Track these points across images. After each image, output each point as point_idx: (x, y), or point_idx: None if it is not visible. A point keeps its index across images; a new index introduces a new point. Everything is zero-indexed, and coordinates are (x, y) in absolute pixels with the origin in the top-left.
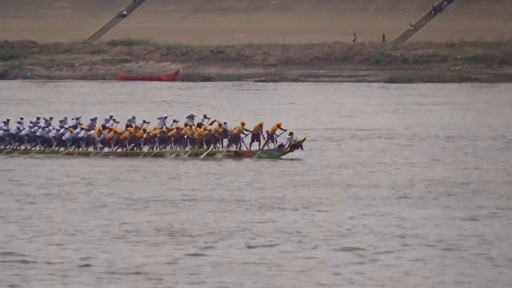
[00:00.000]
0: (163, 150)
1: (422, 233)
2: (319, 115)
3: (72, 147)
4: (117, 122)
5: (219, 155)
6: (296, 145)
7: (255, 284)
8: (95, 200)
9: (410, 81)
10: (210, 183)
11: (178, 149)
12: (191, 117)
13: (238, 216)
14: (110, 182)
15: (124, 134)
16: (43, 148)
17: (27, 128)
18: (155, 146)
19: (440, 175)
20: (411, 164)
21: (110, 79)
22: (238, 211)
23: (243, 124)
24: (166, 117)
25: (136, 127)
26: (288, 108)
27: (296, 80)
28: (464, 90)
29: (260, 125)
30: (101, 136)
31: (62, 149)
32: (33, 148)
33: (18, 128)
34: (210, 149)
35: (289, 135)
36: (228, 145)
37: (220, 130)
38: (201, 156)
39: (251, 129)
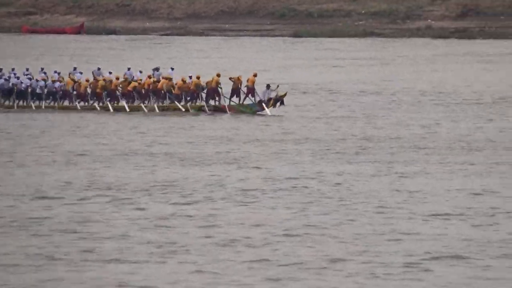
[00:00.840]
0: (140, 104)
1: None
2: (230, 69)
3: (47, 100)
4: (81, 73)
5: (193, 110)
6: (278, 99)
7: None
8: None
9: (314, 35)
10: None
11: (154, 103)
12: (157, 69)
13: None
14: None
15: (99, 86)
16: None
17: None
18: (131, 100)
19: (360, 130)
20: (334, 119)
21: (16, 32)
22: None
23: (218, 76)
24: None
25: (105, 80)
26: (201, 63)
27: (201, 34)
28: (368, 44)
29: (239, 79)
30: (75, 89)
31: (38, 103)
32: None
33: None
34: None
35: (266, 88)
36: (206, 100)
37: (198, 84)
38: (183, 110)
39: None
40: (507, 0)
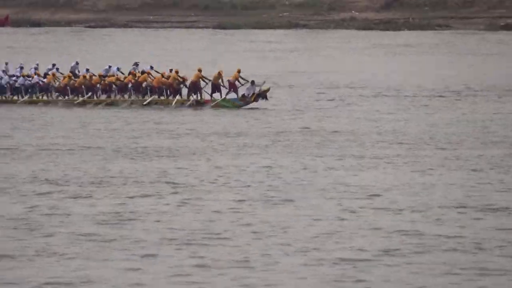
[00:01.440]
0: (120, 98)
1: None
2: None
3: (26, 95)
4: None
5: (176, 104)
6: (261, 94)
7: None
8: None
9: (238, 27)
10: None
11: (134, 97)
12: (136, 64)
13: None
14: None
15: (79, 81)
16: None
17: None
18: (112, 94)
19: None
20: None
21: None
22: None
23: (200, 71)
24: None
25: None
26: (129, 55)
27: (125, 26)
28: (293, 36)
29: (219, 74)
30: (56, 84)
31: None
32: None
33: None
34: (174, 98)
35: (251, 84)
36: (188, 94)
37: (179, 78)
38: (173, 104)
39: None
40: None
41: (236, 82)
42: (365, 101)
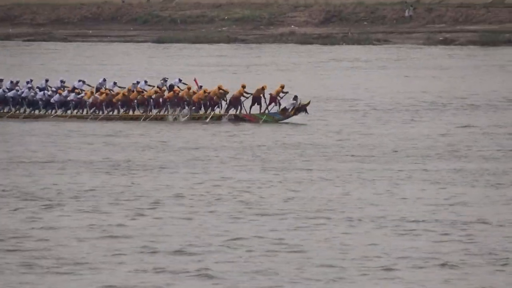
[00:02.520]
0: (160, 113)
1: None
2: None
3: (60, 110)
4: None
5: (223, 119)
6: (301, 108)
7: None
8: None
9: (178, 41)
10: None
11: (175, 112)
12: (165, 80)
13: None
14: None
15: (116, 97)
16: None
17: (13, 91)
18: (148, 109)
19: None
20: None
21: None
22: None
23: (243, 87)
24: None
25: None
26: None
27: (64, 40)
28: (233, 50)
29: (263, 88)
30: (91, 99)
31: (50, 112)
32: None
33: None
34: (213, 112)
35: (293, 99)
36: (227, 109)
37: (219, 92)
38: (207, 120)
39: (253, 91)
40: (370, 6)
41: (278, 96)
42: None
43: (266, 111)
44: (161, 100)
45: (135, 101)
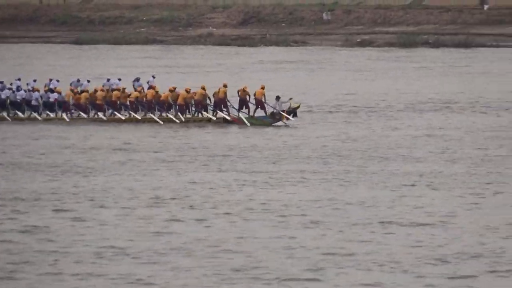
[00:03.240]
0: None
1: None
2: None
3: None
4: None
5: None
6: (291, 111)
7: None
8: None
9: (96, 42)
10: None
11: (163, 115)
12: (137, 80)
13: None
14: None
15: (98, 98)
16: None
17: None
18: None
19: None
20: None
21: None
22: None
23: (225, 86)
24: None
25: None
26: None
27: None
28: (152, 52)
29: (244, 90)
30: (72, 100)
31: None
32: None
33: None
34: (201, 115)
35: (276, 99)
36: (215, 111)
37: (204, 94)
38: (182, 119)
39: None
40: (288, 7)
41: (263, 99)
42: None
43: (254, 114)
44: (145, 101)
45: (118, 102)
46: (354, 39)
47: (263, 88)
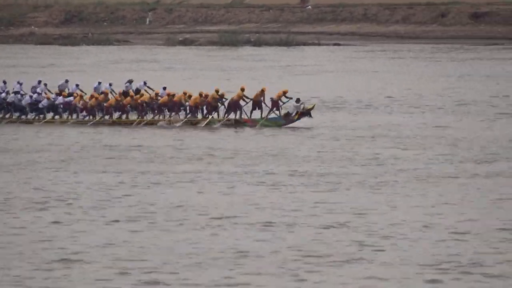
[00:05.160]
0: (155, 118)
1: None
2: None
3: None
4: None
5: (217, 124)
6: (304, 113)
7: None
8: None
9: None
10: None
11: (170, 117)
12: (130, 82)
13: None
14: None
15: (109, 101)
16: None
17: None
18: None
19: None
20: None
21: None
22: None
23: (242, 90)
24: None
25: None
26: None
27: None
28: None
29: (262, 91)
30: (81, 103)
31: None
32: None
33: None
34: (210, 117)
35: (296, 102)
36: (227, 113)
37: (217, 96)
38: (202, 125)
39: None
40: (110, 7)
41: (279, 101)
42: None
43: (267, 115)
44: (155, 104)
45: (129, 106)
46: (176, 38)
47: (285, 92)
